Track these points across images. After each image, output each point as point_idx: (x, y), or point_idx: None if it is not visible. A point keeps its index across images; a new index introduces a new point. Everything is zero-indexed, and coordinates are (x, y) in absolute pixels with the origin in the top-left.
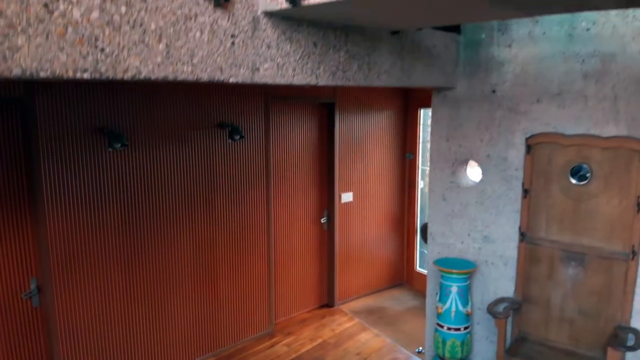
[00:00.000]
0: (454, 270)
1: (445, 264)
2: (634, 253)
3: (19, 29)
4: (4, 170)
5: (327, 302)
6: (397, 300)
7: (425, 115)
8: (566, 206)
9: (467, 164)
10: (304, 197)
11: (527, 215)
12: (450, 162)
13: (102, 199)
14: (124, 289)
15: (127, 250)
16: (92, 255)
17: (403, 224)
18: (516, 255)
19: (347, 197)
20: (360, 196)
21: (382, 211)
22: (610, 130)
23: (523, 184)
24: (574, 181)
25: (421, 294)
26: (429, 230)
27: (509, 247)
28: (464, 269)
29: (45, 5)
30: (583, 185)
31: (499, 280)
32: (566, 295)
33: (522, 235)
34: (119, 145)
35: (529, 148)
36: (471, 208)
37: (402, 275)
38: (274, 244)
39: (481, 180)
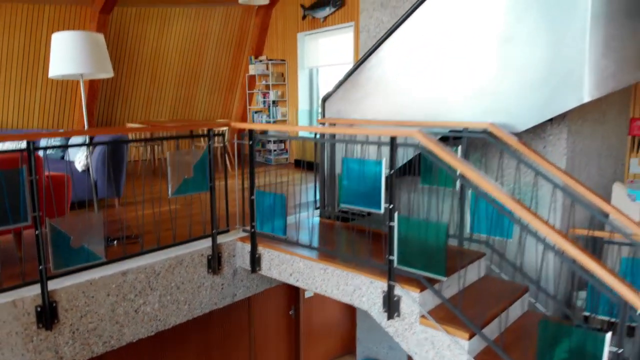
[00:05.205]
0: None
1: None
2: None
3: (125, 325)
4: None
5: None
6: None
7: None
8: None
9: None
10: (276, 298)
11: None
12: None
13: None
14: None
15: None
16: None
17: None
18: None
19: (309, 293)
20: None
21: None
22: None
23: None
24: None
25: None
26: (357, 336)
27: (404, 355)
28: None
29: (136, 311)
30: None
31: None
32: None
33: None
34: None
35: None
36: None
37: (353, 345)
38: (254, 333)
39: None
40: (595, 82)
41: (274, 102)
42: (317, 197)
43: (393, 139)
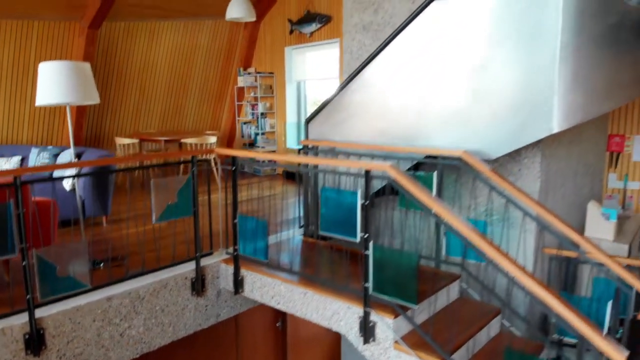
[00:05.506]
0: None
1: None
2: None
3: (110, 348)
4: None
5: None
6: None
7: None
8: None
9: None
10: (263, 312)
11: None
12: None
13: None
14: None
15: None
16: None
17: None
18: None
19: None
20: None
21: None
22: None
23: None
24: None
25: None
26: (342, 349)
27: None
28: None
29: (121, 334)
30: None
31: None
32: None
33: None
34: None
35: None
36: None
37: (339, 356)
38: (242, 348)
39: None
40: (564, 113)
41: (262, 114)
42: (302, 214)
43: (367, 172)
